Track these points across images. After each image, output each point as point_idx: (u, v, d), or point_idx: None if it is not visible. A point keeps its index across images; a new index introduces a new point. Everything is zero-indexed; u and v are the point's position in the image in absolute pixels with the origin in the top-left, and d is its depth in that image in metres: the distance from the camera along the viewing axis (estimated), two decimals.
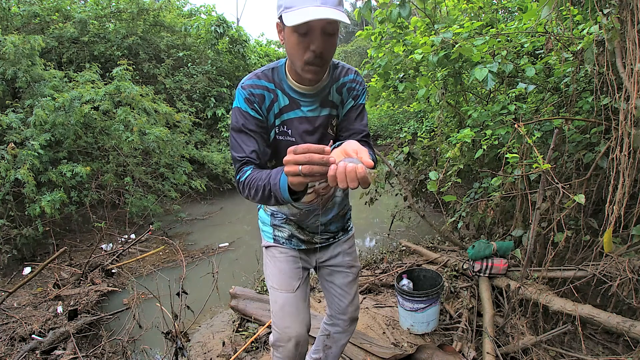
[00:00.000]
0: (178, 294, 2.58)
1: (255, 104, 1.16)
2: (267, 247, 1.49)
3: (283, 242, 1.45)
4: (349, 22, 0.97)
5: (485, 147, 2.64)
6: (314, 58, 1.05)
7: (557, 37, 2.48)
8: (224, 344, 2.58)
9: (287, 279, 1.42)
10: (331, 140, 1.08)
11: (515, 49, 2.83)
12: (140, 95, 5.42)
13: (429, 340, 2.38)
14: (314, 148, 0.82)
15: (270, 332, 2.52)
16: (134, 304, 3.05)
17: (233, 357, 2.33)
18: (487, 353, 2.05)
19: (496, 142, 2.62)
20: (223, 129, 7.90)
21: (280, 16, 1.03)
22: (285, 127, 1.22)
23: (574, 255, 2.48)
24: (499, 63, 2.52)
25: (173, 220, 5.84)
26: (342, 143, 0.98)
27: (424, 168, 4.18)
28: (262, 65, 1.89)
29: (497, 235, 3.13)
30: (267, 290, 1.93)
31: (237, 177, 1.13)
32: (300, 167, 0.82)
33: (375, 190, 4.08)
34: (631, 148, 1.83)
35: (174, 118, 6.05)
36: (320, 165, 0.82)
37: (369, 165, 0.82)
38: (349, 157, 0.85)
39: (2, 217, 4.04)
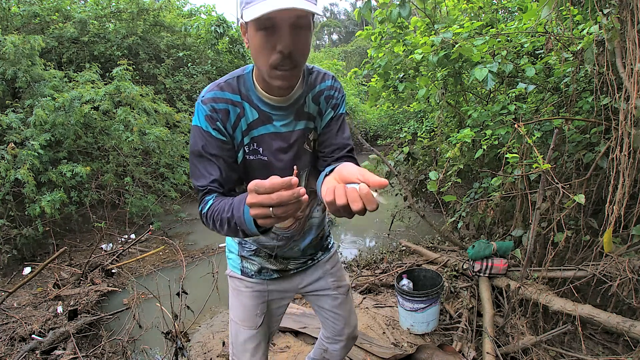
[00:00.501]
0: (178, 294, 2.58)
1: (218, 122, 0.99)
2: (231, 276, 1.33)
3: (252, 275, 1.30)
4: (321, 13, 0.87)
5: (485, 147, 2.64)
6: (281, 60, 0.87)
7: (557, 37, 2.49)
8: (224, 344, 2.58)
9: (250, 316, 1.30)
10: (295, 167, 0.87)
11: (515, 49, 2.83)
12: (140, 95, 5.42)
13: (429, 340, 2.38)
14: (279, 184, 0.67)
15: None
16: (134, 304, 3.05)
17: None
18: (487, 353, 2.05)
19: (496, 142, 2.62)
20: None
21: (243, 15, 0.87)
22: (255, 144, 1.05)
23: (574, 255, 2.48)
24: (499, 63, 2.53)
25: (173, 220, 5.84)
26: (334, 167, 0.83)
27: (424, 168, 4.18)
28: None
29: (497, 235, 3.13)
30: None
31: (200, 209, 0.97)
32: (271, 209, 0.69)
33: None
34: (631, 148, 1.83)
35: (174, 118, 6.05)
36: (294, 203, 0.69)
37: (379, 185, 0.69)
38: (350, 182, 0.72)
39: (2, 217, 4.04)
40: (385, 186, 0.70)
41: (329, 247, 1.41)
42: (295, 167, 0.86)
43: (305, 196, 0.70)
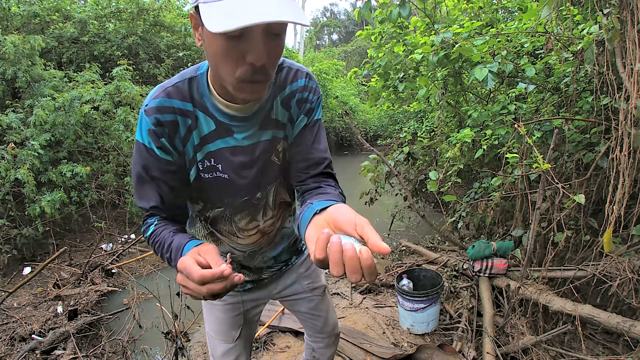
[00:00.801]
0: (178, 294, 2.57)
1: (163, 138, 0.82)
2: None
3: None
4: (308, 23, 0.65)
5: (485, 147, 2.64)
6: (252, 74, 0.70)
7: (557, 37, 2.49)
8: None
9: (226, 329, 1.23)
10: (228, 255, 0.79)
11: (515, 49, 2.83)
12: (140, 95, 5.42)
13: (429, 340, 2.38)
14: (210, 276, 0.65)
15: (270, 332, 2.52)
16: (134, 304, 3.05)
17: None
18: (487, 353, 2.06)
19: (496, 142, 2.62)
20: None
21: (197, 6, 0.67)
22: (212, 161, 0.89)
23: (574, 255, 2.48)
24: (499, 63, 2.53)
25: None
26: (326, 207, 0.68)
27: (424, 168, 4.18)
28: None
29: (497, 235, 3.13)
30: None
31: (142, 230, 0.90)
32: (203, 294, 0.68)
33: (375, 190, 4.09)
34: (631, 148, 1.83)
35: None
36: (229, 289, 0.68)
37: (379, 250, 0.54)
38: (344, 233, 0.58)
39: (2, 217, 4.04)
40: (387, 253, 0.55)
41: (303, 249, 1.30)
42: (228, 254, 0.80)
43: (240, 277, 0.68)
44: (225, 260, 0.71)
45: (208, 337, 1.28)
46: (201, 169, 0.90)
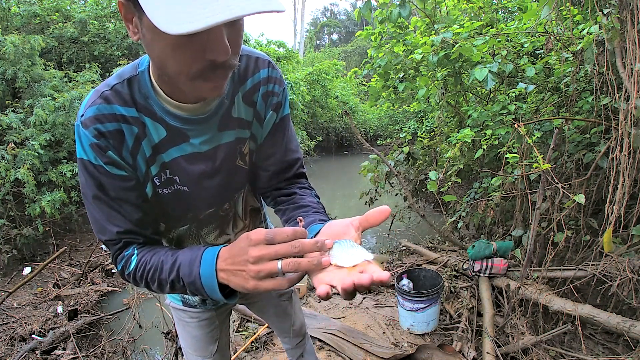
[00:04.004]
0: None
1: (110, 151, 0.69)
2: (174, 307, 1.14)
3: (196, 305, 1.09)
4: (284, 8, 0.53)
5: (485, 147, 2.64)
6: (212, 70, 0.59)
7: (557, 37, 2.49)
8: None
9: (203, 345, 1.16)
10: (299, 219, 0.72)
11: (515, 49, 2.83)
12: None
13: (429, 340, 2.38)
14: (301, 232, 0.57)
15: (270, 332, 2.52)
16: (134, 304, 3.05)
17: (233, 357, 2.33)
18: (487, 353, 2.06)
19: (496, 142, 2.62)
20: None
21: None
22: (168, 173, 0.76)
23: (574, 255, 2.48)
24: (499, 63, 2.53)
25: None
26: (319, 230, 0.68)
27: (424, 168, 4.18)
28: None
29: (497, 235, 3.13)
30: None
31: (119, 269, 0.74)
32: (280, 263, 0.56)
33: (375, 190, 4.09)
34: (631, 148, 1.83)
35: None
36: (311, 263, 0.56)
37: (379, 280, 0.55)
38: (341, 238, 0.62)
39: (2, 217, 4.04)
40: (383, 281, 0.56)
41: None
42: (300, 218, 0.72)
43: (329, 241, 0.58)
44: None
45: (185, 353, 1.21)
46: (157, 184, 0.76)
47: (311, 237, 0.66)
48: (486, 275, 2.66)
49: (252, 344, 2.45)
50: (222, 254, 0.63)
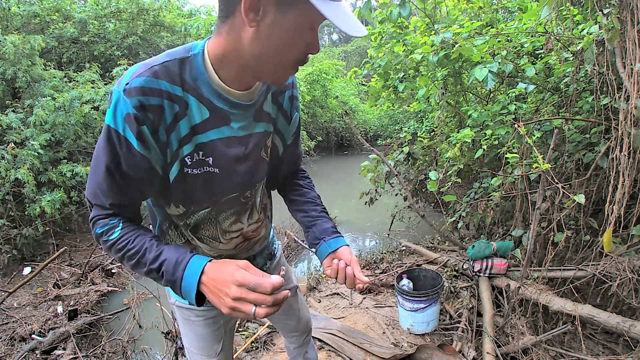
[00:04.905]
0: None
1: (145, 126, 0.70)
2: (179, 307, 1.14)
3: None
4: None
5: (485, 147, 2.64)
6: (300, 63, 0.76)
7: (557, 37, 2.49)
8: None
9: (208, 344, 1.16)
10: (282, 269, 0.82)
11: (515, 49, 2.83)
12: None
13: (429, 340, 2.38)
14: (279, 284, 0.66)
15: (270, 332, 2.52)
16: (134, 304, 3.05)
17: (233, 357, 2.33)
18: (487, 353, 2.05)
19: (496, 142, 2.62)
20: None
21: None
22: (201, 154, 0.79)
23: (574, 255, 2.48)
24: (499, 63, 2.53)
25: None
26: (337, 248, 0.97)
27: (424, 168, 4.18)
28: None
29: (497, 235, 3.13)
30: None
31: (98, 231, 0.77)
32: (253, 309, 0.65)
33: (375, 190, 4.09)
34: (631, 148, 1.83)
35: None
36: (279, 305, 0.67)
37: (359, 279, 0.90)
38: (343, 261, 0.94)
39: (2, 217, 4.04)
40: (365, 283, 0.91)
41: (275, 253, 1.27)
42: (282, 267, 0.89)
43: (287, 292, 0.68)
44: (279, 273, 0.71)
45: (189, 353, 1.21)
46: (188, 163, 0.78)
47: (329, 252, 0.97)
48: (486, 275, 2.66)
49: (252, 344, 2.45)
50: (207, 271, 0.70)
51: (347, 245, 0.98)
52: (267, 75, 0.76)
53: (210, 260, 0.72)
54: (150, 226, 1.00)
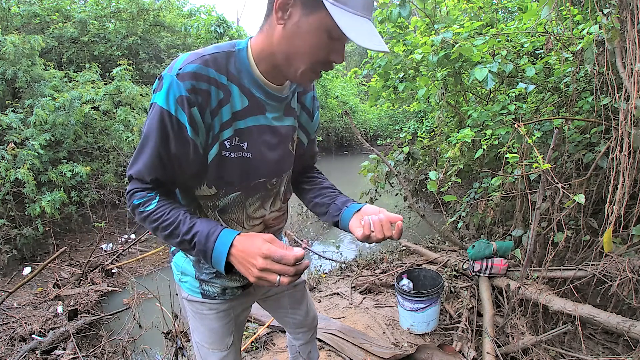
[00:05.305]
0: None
1: (195, 107, 0.78)
2: (191, 300, 1.15)
3: (215, 297, 1.12)
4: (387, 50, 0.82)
5: (485, 147, 2.64)
6: (322, 66, 0.82)
7: (557, 37, 2.49)
8: None
9: (220, 338, 1.17)
10: (303, 241, 0.86)
11: (515, 49, 2.83)
12: (140, 95, 5.42)
13: (429, 340, 2.38)
14: (301, 256, 0.74)
15: (270, 332, 2.52)
16: (134, 304, 3.06)
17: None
18: (487, 353, 2.05)
19: (496, 142, 2.62)
20: None
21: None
22: (238, 139, 0.87)
23: (574, 255, 2.48)
24: (499, 63, 2.52)
25: None
26: (360, 208, 0.97)
27: (424, 168, 4.18)
28: None
29: (497, 235, 3.13)
30: None
31: (135, 202, 0.84)
32: (278, 277, 0.74)
33: (375, 190, 4.08)
34: (631, 148, 1.83)
35: None
36: (300, 274, 0.75)
37: (394, 219, 0.90)
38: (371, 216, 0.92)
39: (2, 217, 4.04)
40: (400, 220, 0.90)
41: None
42: (304, 239, 0.85)
43: (309, 262, 0.75)
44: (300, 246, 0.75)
45: (198, 347, 1.21)
46: (227, 146, 0.86)
47: (354, 212, 0.96)
48: (486, 275, 2.66)
49: (252, 344, 2.45)
50: (236, 243, 0.78)
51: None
52: (291, 74, 0.83)
53: (239, 234, 0.79)
54: None
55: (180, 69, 0.77)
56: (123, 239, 4.80)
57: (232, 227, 0.99)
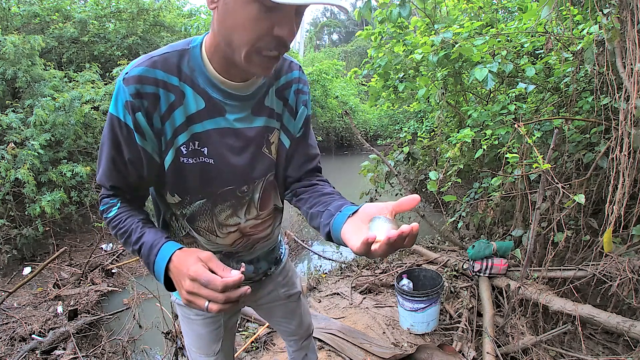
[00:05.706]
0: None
1: (140, 112, 0.74)
2: (179, 304, 1.14)
3: None
4: (348, 7, 0.71)
5: (485, 147, 2.64)
6: (275, 46, 0.69)
7: (557, 37, 2.49)
8: None
9: (207, 343, 1.16)
10: (242, 264, 0.75)
11: (515, 49, 2.83)
12: None
13: (429, 340, 2.38)
14: (232, 283, 0.63)
15: (270, 332, 2.52)
16: (134, 304, 3.06)
17: (234, 357, 2.33)
18: (487, 353, 2.05)
19: (496, 142, 2.62)
20: None
21: None
22: (197, 144, 0.80)
23: (574, 255, 2.48)
24: (499, 63, 2.53)
25: None
26: (356, 210, 0.72)
27: (424, 168, 4.18)
28: None
29: (497, 235, 3.13)
30: None
31: (102, 208, 0.84)
32: (207, 303, 0.65)
33: (375, 190, 4.09)
34: (631, 148, 1.83)
35: None
36: (234, 303, 0.65)
37: (411, 202, 0.67)
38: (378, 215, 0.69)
39: (2, 217, 4.04)
40: (418, 201, 0.67)
41: (281, 258, 1.24)
42: (242, 264, 0.75)
43: (248, 288, 0.65)
44: (239, 269, 0.68)
45: (188, 351, 1.22)
46: (184, 152, 0.80)
47: (348, 216, 0.72)
48: (486, 275, 2.66)
49: (252, 344, 2.45)
50: (174, 258, 0.72)
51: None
52: (238, 61, 0.71)
53: (180, 248, 0.73)
54: (154, 218, 1.00)
55: (127, 73, 0.73)
56: None
57: (204, 237, 0.96)
